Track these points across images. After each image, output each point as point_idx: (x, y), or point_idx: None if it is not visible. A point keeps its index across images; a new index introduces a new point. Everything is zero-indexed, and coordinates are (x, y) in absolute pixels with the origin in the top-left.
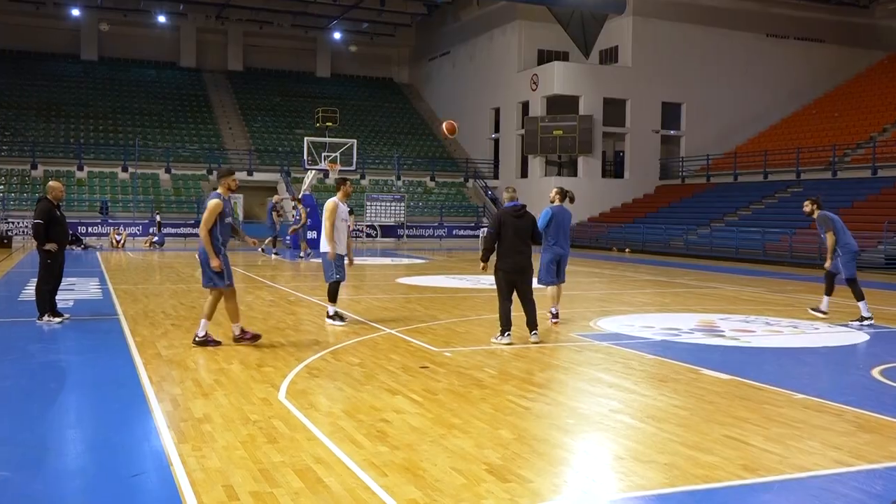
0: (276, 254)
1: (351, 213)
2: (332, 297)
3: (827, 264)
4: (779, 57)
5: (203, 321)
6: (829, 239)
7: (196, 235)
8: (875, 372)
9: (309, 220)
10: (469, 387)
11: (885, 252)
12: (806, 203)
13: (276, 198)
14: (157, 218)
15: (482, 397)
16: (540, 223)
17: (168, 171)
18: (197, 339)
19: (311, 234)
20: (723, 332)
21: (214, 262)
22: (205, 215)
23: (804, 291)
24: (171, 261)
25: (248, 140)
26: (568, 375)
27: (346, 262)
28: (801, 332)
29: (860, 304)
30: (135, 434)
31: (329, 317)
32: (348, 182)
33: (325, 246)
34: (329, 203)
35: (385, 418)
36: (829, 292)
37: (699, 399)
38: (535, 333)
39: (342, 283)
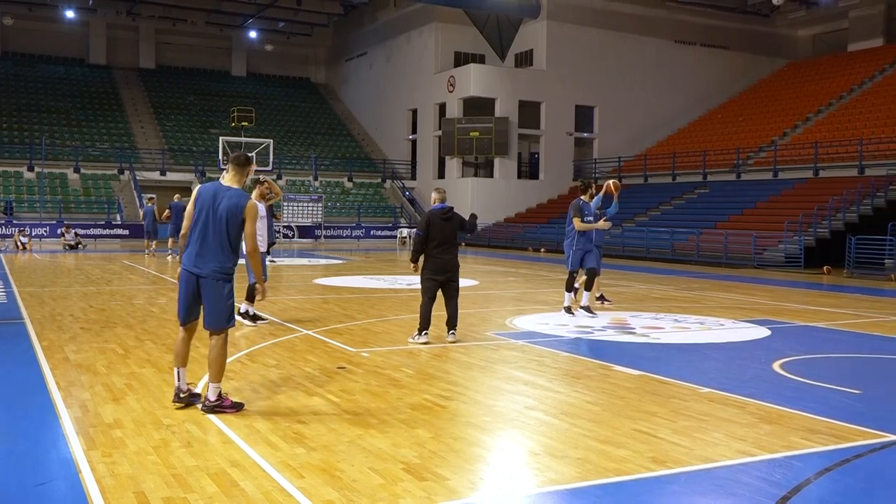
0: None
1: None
2: (251, 296)
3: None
4: (686, 63)
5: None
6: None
7: (108, 236)
8: (776, 365)
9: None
10: (386, 387)
11: (785, 251)
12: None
13: (150, 198)
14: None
15: (399, 397)
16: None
17: (77, 170)
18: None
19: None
20: (634, 329)
21: None
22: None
23: (711, 289)
24: (80, 262)
25: (160, 139)
26: (484, 374)
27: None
28: (707, 328)
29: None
30: (41, 441)
31: (240, 314)
32: (265, 183)
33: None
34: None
35: (302, 420)
36: (589, 287)
37: (611, 395)
38: (452, 333)
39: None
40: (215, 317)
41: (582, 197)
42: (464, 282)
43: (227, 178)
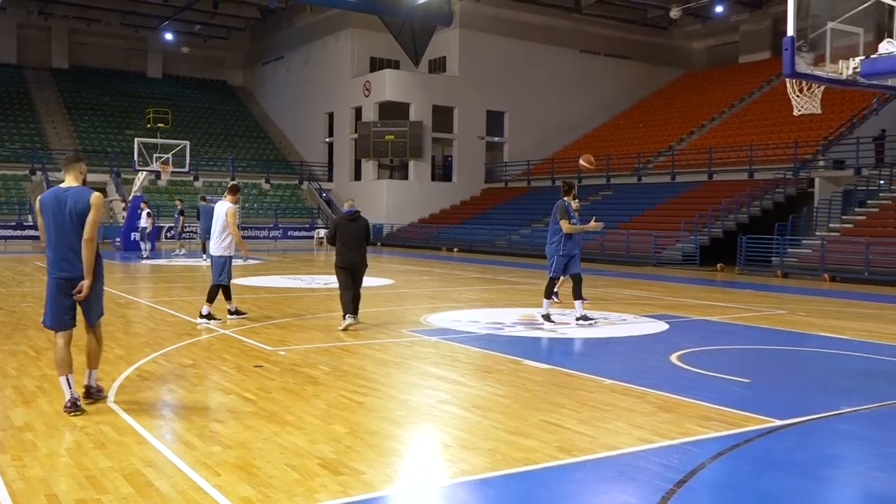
0: None
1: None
2: (212, 297)
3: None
4: (591, 71)
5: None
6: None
7: (19, 237)
8: (673, 357)
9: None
10: (303, 384)
11: (682, 250)
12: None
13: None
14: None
15: (316, 394)
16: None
17: None
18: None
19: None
20: (542, 325)
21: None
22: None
23: (614, 286)
24: None
25: (74, 140)
26: (399, 370)
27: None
28: (610, 323)
29: (577, 303)
30: None
31: (202, 316)
32: (237, 193)
33: (230, 249)
34: (232, 208)
35: (218, 418)
36: (578, 295)
37: (520, 388)
38: (352, 317)
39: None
40: (95, 312)
41: (565, 198)
42: (379, 280)
43: (67, 180)
